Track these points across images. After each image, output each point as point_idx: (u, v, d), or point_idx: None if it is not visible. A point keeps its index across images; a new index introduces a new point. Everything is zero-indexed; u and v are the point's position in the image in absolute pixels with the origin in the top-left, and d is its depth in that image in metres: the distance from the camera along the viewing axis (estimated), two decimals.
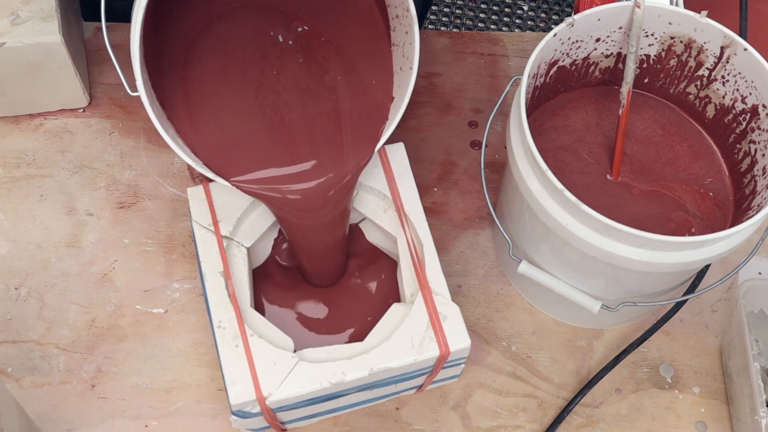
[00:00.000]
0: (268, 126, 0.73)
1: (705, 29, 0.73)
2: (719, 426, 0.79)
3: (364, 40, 0.75)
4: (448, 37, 0.98)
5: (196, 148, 0.71)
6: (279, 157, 0.72)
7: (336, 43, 0.75)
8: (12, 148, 0.88)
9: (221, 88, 0.73)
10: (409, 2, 0.67)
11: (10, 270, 0.82)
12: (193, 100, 0.72)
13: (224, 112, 0.73)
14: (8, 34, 0.80)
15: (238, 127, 0.73)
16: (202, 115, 0.72)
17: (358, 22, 0.75)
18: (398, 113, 0.71)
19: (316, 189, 0.71)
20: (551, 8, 1.89)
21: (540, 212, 0.69)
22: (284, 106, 0.74)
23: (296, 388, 0.67)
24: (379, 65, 0.74)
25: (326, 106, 0.74)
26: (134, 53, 0.65)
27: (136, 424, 0.76)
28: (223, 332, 0.68)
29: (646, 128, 0.79)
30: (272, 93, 0.74)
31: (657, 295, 0.77)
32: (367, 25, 0.75)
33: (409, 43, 0.70)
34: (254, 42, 0.74)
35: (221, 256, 0.71)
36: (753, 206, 0.71)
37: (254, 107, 0.73)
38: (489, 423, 0.78)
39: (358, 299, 0.77)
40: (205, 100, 0.73)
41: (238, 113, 0.73)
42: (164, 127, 0.66)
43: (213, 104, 0.73)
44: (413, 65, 0.70)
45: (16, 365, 0.78)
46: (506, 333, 0.82)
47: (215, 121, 0.72)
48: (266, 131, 0.73)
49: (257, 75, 0.74)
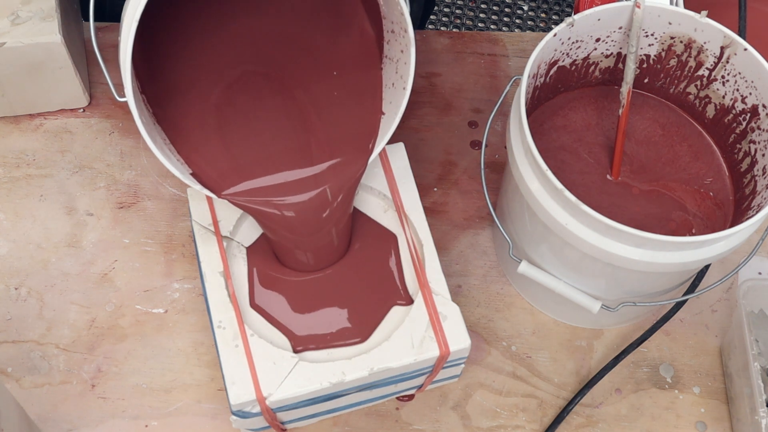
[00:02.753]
0: (256, 138, 0.73)
1: (705, 29, 0.73)
2: (719, 426, 0.79)
3: (353, 54, 0.74)
4: (448, 37, 0.98)
5: (187, 155, 0.71)
6: (270, 168, 0.72)
7: (324, 60, 0.75)
8: (12, 148, 0.88)
9: (211, 99, 0.73)
10: (408, 24, 0.67)
11: (10, 270, 0.82)
12: (180, 110, 0.72)
13: (213, 121, 0.73)
14: (8, 34, 0.80)
15: (228, 138, 0.73)
16: (191, 124, 0.72)
17: (347, 35, 0.75)
18: (390, 129, 0.71)
19: (310, 203, 0.71)
20: (551, 8, 1.89)
21: (540, 212, 0.69)
22: (272, 117, 0.74)
23: (296, 388, 0.67)
24: (368, 79, 0.74)
25: (313, 118, 0.74)
26: (124, 66, 0.64)
27: (136, 424, 0.76)
28: (223, 332, 0.68)
29: (646, 128, 0.79)
30: (259, 104, 0.74)
31: (657, 295, 0.77)
32: (357, 39, 0.74)
33: (404, 62, 0.70)
34: (241, 55, 0.75)
35: (221, 256, 0.71)
36: (753, 206, 0.71)
37: (243, 119, 0.73)
38: (489, 423, 0.78)
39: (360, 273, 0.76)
40: (193, 110, 0.73)
41: (229, 124, 0.73)
42: (152, 137, 0.66)
43: (200, 113, 0.73)
44: (407, 85, 0.70)
45: (16, 365, 0.78)
46: (506, 333, 0.82)
47: (203, 130, 0.72)
48: (254, 143, 0.72)
49: (245, 87, 0.74)
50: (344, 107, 0.74)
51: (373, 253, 0.75)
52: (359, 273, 0.74)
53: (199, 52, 0.75)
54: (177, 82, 0.74)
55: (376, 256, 0.74)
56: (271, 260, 0.74)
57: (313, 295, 0.73)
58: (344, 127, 0.73)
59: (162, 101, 0.72)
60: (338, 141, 0.73)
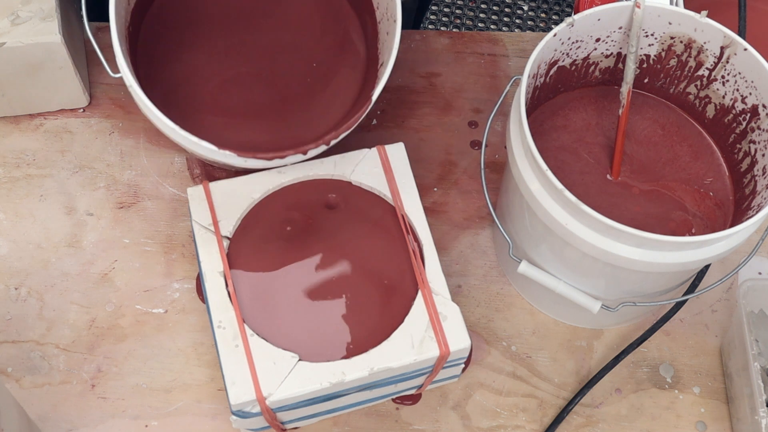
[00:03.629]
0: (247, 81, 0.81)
1: (705, 29, 0.73)
2: (719, 426, 0.79)
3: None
4: (448, 37, 0.98)
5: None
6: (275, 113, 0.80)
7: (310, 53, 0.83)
8: (12, 148, 0.88)
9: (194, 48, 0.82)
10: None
11: (10, 270, 0.82)
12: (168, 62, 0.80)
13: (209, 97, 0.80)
14: (8, 34, 0.80)
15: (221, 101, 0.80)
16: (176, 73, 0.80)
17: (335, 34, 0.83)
18: (386, 71, 0.74)
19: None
20: (551, 8, 1.89)
21: (540, 212, 0.69)
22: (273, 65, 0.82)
23: (296, 387, 0.67)
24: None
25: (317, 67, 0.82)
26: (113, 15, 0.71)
27: (136, 424, 0.76)
28: (223, 332, 0.68)
29: (646, 128, 0.79)
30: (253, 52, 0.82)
31: (657, 295, 0.77)
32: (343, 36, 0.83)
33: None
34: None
35: (221, 256, 0.71)
36: (753, 206, 0.71)
37: (237, 92, 0.81)
38: (489, 423, 0.78)
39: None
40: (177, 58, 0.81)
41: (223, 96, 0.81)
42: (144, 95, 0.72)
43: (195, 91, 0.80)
44: (397, 18, 0.74)
45: (16, 365, 0.78)
46: (506, 333, 0.82)
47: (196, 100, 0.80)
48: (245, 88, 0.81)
49: (232, 35, 0.82)
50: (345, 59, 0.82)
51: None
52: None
53: (197, 57, 0.82)
54: (174, 77, 0.79)
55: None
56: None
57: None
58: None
59: (157, 84, 0.79)
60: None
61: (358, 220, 0.75)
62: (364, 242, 0.74)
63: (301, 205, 0.75)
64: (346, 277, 0.72)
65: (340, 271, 0.72)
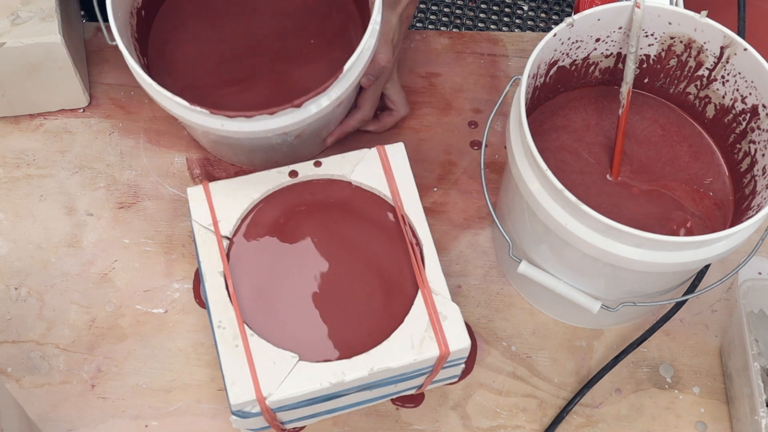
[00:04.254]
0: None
1: (705, 29, 0.73)
2: (719, 426, 0.79)
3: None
4: (448, 37, 0.98)
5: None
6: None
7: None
8: (12, 148, 0.88)
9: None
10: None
11: (10, 270, 0.82)
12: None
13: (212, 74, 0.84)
14: (8, 34, 0.80)
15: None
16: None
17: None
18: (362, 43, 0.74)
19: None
20: (551, 8, 1.89)
21: (540, 212, 0.69)
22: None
23: (296, 388, 0.67)
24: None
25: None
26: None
27: (136, 424, 0.76)
28: (223, 332, 0.68)
29: (646, 128, 0.79)
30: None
31: (657, 295, 0.77)
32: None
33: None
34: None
35: (221, 256, 0.71)
36: (753, 206, 0.71)
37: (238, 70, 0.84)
38: (489, 423, 0.78)
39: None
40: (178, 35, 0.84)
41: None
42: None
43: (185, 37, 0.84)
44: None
45: (16, 365, 0.78)
46: (506, 333, 0.82)
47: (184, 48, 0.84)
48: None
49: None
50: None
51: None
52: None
53: (200, 41, 0.85)
54: (180, 58, 0.84)
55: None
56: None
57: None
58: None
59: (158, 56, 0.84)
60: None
61: (358, 220, 0.75)
62: (364, 242, 0.74)
63: (301, 205, 0.75)
64: (346, 277, 0.72)
65: (340, 271, 0.73)
